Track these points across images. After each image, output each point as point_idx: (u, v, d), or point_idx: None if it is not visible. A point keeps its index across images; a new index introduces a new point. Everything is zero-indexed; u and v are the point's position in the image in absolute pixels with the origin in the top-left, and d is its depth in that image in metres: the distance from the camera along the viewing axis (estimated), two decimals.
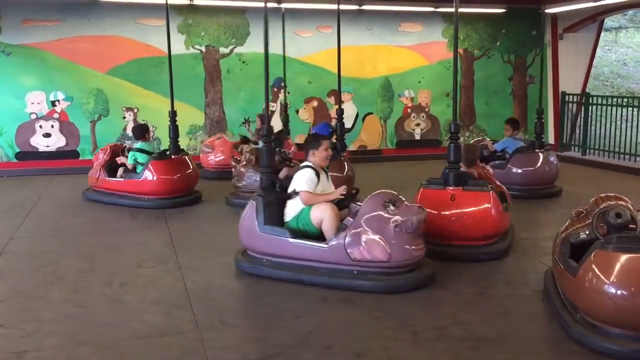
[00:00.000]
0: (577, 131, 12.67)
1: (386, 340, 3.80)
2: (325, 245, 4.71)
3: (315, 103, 11.85)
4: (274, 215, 5.06)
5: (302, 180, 5.01)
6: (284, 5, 11.05)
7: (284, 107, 10.38)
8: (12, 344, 3.76)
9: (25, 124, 10.58)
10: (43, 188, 8.96)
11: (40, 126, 10.65)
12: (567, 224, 4.56)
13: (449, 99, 12.57)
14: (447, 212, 5.42)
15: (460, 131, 12.68)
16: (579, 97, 12.68)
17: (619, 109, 11.72)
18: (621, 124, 11.61)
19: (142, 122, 9.91)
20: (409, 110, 12.36)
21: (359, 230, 4.60)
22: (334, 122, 11.56)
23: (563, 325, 3.87)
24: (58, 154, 10.71)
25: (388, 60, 12.11)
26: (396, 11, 11.76)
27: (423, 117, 12.52)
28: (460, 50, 12.54)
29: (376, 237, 4.55)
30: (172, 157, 7.96)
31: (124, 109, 10.98)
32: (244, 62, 11.40)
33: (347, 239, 4.61)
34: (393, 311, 4.26)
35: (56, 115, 10.72)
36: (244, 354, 3.60)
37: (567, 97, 12.79)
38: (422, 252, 4.74)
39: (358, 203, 4.85)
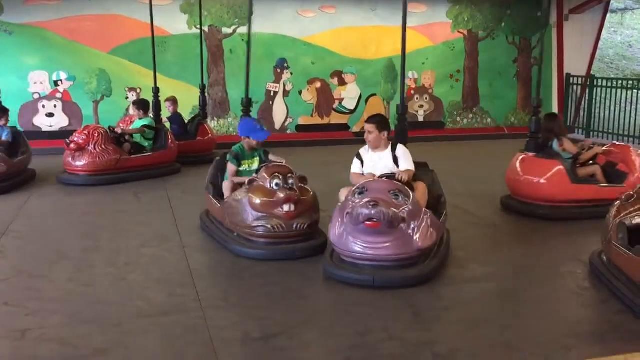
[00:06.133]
0: (582, 113, 12.62)
1: (388, 321, 3.82)
2: None
3: (318, 84, 11.79)
4: None
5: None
6: None
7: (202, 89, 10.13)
8: (16, 321, 3.79)
9: (28, 104, 10.57)
10: (46, 168, 8.96)
11: (43, 106, 10.64)
12: (616, 207, 4.57)
13: (452, 80, 12.52)
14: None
15: (464, 113, 12.70)
16: (583, 79, 12.61)
17: (624, 91, 11.67)
18: (626, 106, 11.57)
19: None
20: (412, 92, 12.30)
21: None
22: (336, 104, 11.62)
23: (630, 306, 3.90)
24: (61, 134, 10.69)
25: (392, 41, 12.00)
26: None
27: (426, 98, 12.47)
28: (465, 32, 12.46)
29: (335, 219, 4.54)
30: None
31: (127, 89, 10.95)
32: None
33: None
34: (395, 292, 4.27)
35: (59, 95, 10.70)
36: (246, 332, 3.63)
37: (571, 79, 12.71)
38: (376, 251, 4.31)
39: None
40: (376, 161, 5.16)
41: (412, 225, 4.37)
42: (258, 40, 11.35)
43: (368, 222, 4.23)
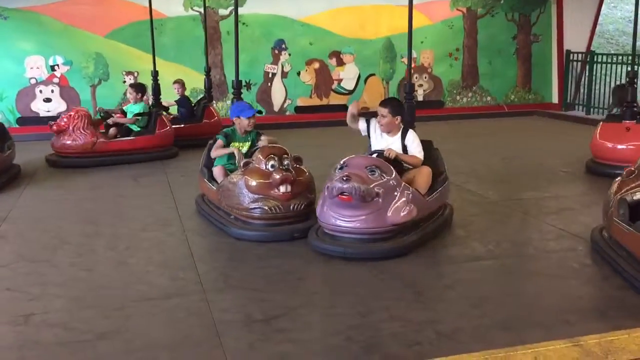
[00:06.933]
0: (582, 90, 12.55)
1: (389, 300, 3.82)
2: None
3: (316, 65, 11.72)
4: None
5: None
6: None
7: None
8: (19, 306, 3.79)
9: (25, 89, 10.52)
10: (45, 154, 8.93)
11: (41, 91, 10.59)
12: (617, 183, 4.58)
13: (451, 59, 12.44)
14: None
15: (463, 92, 12.63)
16: (583, 55, 12.52)
17: (624, 67, 11.58)
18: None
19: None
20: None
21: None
22: (335, 85, 11.56)
23: (631, 282, 3.89)
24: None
25: (390, 20, 11.91)
26: None
27: (426, 77, 12.40)
28: (463, 9, 12.36)
29: (322, 194, 4.66)
30: None
31: (124, 72, 10.89)
32: (244, 23, 11.21)
33: None
34: (396, 272, 4.28)
35: (56, 80, 10.65)
36: (248, 314, 3.63)
37: (571, 55, 12.62)
38: (350, 224, 4.45)
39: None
40: (386, 146, 5.10)
41: (388, 201, 4.43)
42: (255, 21, 11.28)
43: (341, 196, 4.35)
